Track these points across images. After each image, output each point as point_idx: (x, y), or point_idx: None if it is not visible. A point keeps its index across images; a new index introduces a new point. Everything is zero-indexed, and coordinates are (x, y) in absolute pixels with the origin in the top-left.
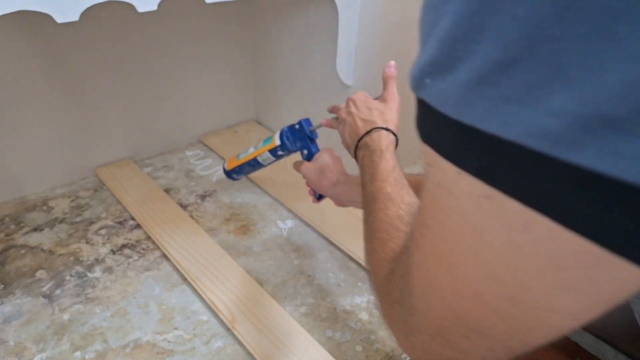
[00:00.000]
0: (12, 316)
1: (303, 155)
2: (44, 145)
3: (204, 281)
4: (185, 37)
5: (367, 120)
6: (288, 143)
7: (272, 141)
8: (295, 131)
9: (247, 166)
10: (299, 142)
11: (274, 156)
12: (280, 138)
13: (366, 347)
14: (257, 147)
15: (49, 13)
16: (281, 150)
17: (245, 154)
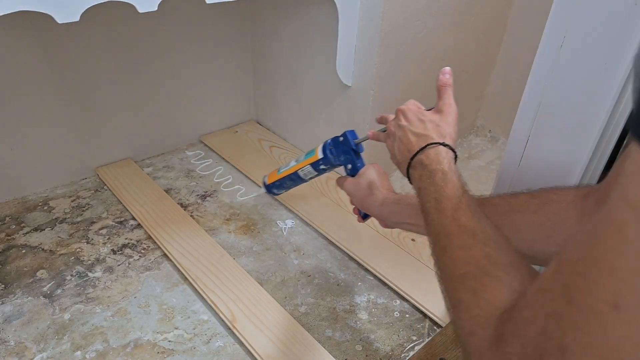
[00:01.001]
0: (12, 316)
1: (347, 170)
2: (45, 146)
3: (204, 281)
4: (185, 38)
5: (420, 134)
6: (331, 157)
7: (314, 154)
8: (339, 144)
9: (288, 180)
10: (343, 155)
11: (315, 170)
12: (322, 151)
13: (366, 347)
14: (299, 160)
15: (49, 13)
16: (324, 164)
17: (286, 167)
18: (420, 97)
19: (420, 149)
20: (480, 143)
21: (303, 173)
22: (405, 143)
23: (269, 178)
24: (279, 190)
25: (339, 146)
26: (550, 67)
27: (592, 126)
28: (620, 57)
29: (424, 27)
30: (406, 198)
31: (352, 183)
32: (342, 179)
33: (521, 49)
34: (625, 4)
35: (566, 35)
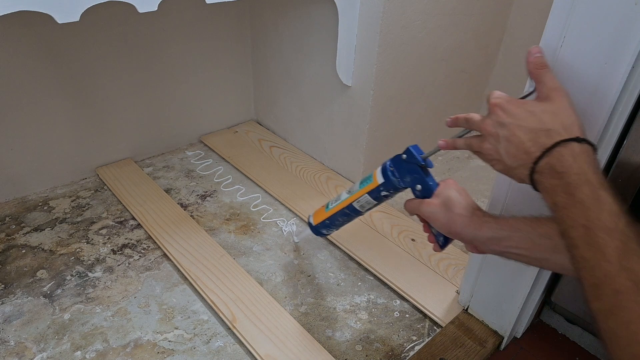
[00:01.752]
0: (12, 316)
1: (416, 192)
2: (45, 146)
3: (204, 281)
4: (185, 38)
5: (537, 129)
6: (394, 179)
7: (371, 180)
8: (402, 162)
9: (340, 217)
10: (409, 176)
11: (375, 199)
12: (383, 174)
13: (366, 347)
14: (352, 190)
15: (49, 14)
16: (385, 189)
17: (337, 202)
18: (421, 96)
19: (545, 149)
20: None
21: (359, 205)
22: (517, 144)
23: (315, 217)
24: (329, 229)
25: (402, 165)
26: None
27: (592, 126)
28: (620, 57)
29: (424, 27)
30: (511, 222)
31: (432, 205)
32: (416, 203)
33: (521, 49)
34: (625, 4)
35: (566, 35)
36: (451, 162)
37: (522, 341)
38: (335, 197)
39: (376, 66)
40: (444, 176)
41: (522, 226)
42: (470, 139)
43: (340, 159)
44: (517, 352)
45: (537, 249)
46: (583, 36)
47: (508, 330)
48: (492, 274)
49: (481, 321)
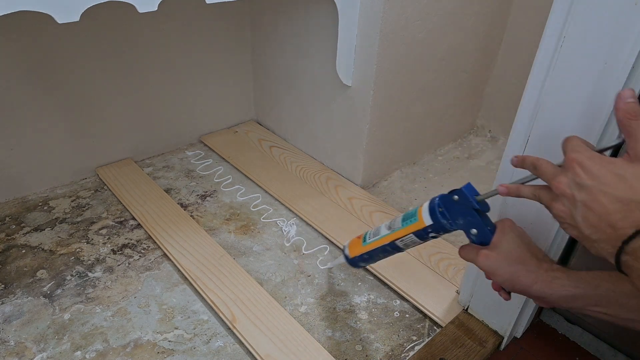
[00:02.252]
0: (12, 316)
1: (471, 237)
2: (45, 146)
3: (204, 281)
4: (185, 38)
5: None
6: (445, 222)
7: (416, 219)
8: (453, 204)
9: (380, 253)
10: (462, 218)
11: (421, 239)
12: (431, 215)
13: (366, 347)
14: (394, 227)
15: (49, 13)
16: (434, 231)
17: (377, 236)
18: (421, 96)
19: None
20: (480, 143)
21: (403, 243)
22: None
23: (351, 249)
24: (366, 262)
25: (454, 206)
26: (550, 67)
27: (592, 126)
28: (620, 57)
29: (424, 27)
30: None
31: (492, 259)
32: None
33: (521, 49)
34: (625, 4)
35: (566, 35)
36: (451, 162)
37: (522, 341)
38: (373, 230)
39: (376, 66)
40: (444, 176)
41: (600, 282)
42: (539, 190)
43: (340, 159)
44: (517, 352)
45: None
46: (583, 36)
47: (508, 330)
48: None
49: (481, 321)
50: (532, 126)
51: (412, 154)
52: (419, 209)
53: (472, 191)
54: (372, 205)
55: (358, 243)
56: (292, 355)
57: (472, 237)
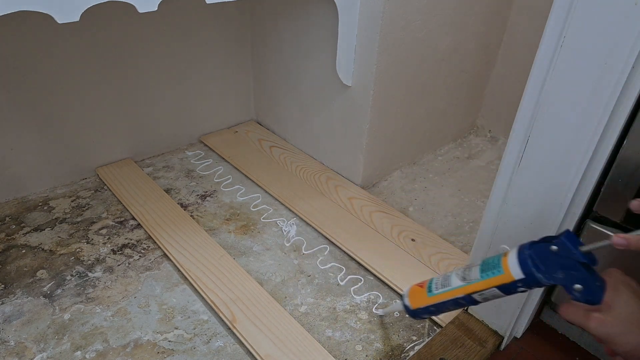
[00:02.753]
0: (12, 316)
1: (573, 293)
2: (45, 146)
3: (204, 281)
4: (185, 38)
5: None
6: (540, 276)
7: (501, 271)
8: (549, 254)
9: (450, 305)
10: (562, 272)
11: (506, 293)
12: (522, 267)
13: (366, 347)
14: (470, 277)
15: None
16: (525, 285)
17: (447, 287)
18: (421, 96)
19: None
20: (480, 143)
21: (482, 297)
22: None
23: (413, 298)
24: (431, 314)
25: (550, 258)
26: (550, 67)
27: (592, 126)
28: (620, 57)
29: (424, 27)
30: None
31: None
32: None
33: (521, 49)
34: (625, 4)
35: (566, 35)
36: (451, 162)
37: (522, 341)
38: (440, 279)
39: (376, 66)
40: (444, 176)
41: None
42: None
43: (340, 159)
44: (517, 352)
45: None
46: (583, 36)
47: (508, 330)
48: None
49: (481, 321)
50: (532, 126)
51: (412, 154)
52: (503, 259)
53: (573, 240)
54: (372, 205)
55: (421, 292)
56: (292, 355)
57: (575, 294)
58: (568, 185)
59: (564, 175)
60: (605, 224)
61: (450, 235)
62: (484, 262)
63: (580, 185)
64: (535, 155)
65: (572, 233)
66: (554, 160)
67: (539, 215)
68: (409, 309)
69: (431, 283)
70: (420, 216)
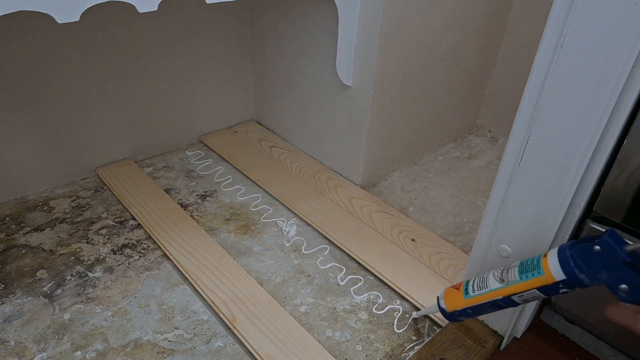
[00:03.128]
0: (12, 316)
1: (619, 294)
2: (45, 145)
3: (204, 281)
4: (185, 38)
5: None
6: (583, 277)
7: (541, 272)
8: (592, 254)
9: (489, 307)
10: (606, 272)
11: (547, 294)
12: (564, 268)
13: (366, 347)
14: (509, 279)
15: (49, 13)
16: (567, 286)
17: (484, 289)
18: (421, 96)
19: None
20: (480, 143)
21: (522, 299)
22: None
23: (448, 300)
24: (468, 317)
25: (594, 258)
26: (550, 67)
27: (592, 126)
28: (620, 57)
29: (424, 27)
30: None
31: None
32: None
33: (521, 49)
34: (625, 4)
35: (566, 35)
36: (451, 162)
37: (522, 341)
38: (477, 281)
39: (376, 66)
40: (444, 176)
41: None
42: None
43: (340, 159)
44: (517, 352)
45: None
46: (583, 36)
47: (508, 330)
48: None
49: (481, 321)
50: (532, 126)
51: (412, 154)
52: (543, 260)
53: (617, 240)
54: (372, 205)
55: (457, 294)
56: (292, 355)
57: (621, 295)
58: (568, 185)
59: (564, 175)
60: (606, 224)
61: (450, 235)
62: (522, 263)
63: (580, 185)
64: (535, 155)
65: (615, 232)
66: (554, 160)
67: (539, 215)
68: (445, 311)
69: (467, 285)
70: (420, 216)
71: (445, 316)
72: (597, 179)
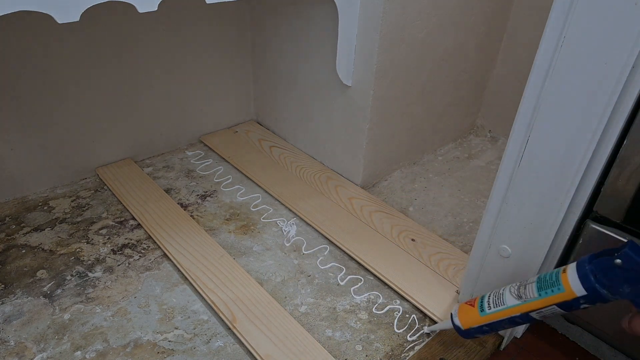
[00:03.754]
0: (12, 316)
1: None
2: (45, 145)
3: (204, 281)
4: (185, 38)
5: None
6: (605, 292)
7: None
8: (613, 268)
9: (506, 324)
10: (628, 286)
11: (567, 310)
12: (584, 283)
13: (366, 347)
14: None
15: (49, 13)
16: (588, 302)
17: (501, 306)
18: (421, 96)
19: None
20: (480, 143)
21: (541, 315)
22: None
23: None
24: (484, 334)
25: (615, 272)
26: (550, 67)
27: (592, 126)
28: (620, 57)
29: (424, 27)
30: None
31: None
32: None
33: (521, 49)
34: (625, 4)
35: (566, 35)
36: (451, 162)
37: (522, 341)
38: (492, 296)
39: (376, 66)
40: (444, 176)
41: None
42: None
43: (340, 159)
44: (517, 352)
45: None
46: (583, 36)
47: (508, 330)
48: (492, 274)
49: None
50: (532, 126)
51: (412, 154)
52: (563, 275)
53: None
54: (372, 205)
55: (472, 311)
56: (292, 355)
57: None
58: (568, 185)
59: (564, 175)
60: (606, 224)
61: (450, 235)
62: (540, 278)
63: (580, 185)
64: (535, 155)
65: (635, 244)
66: (554, 160)
67: (539, 215)
68: (460, 329)
69: (482, 301)
70: (420, 216)
71: (460, 333)
72: (597, 179)
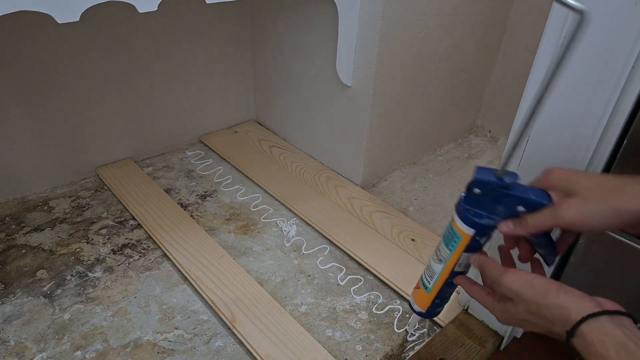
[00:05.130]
0: (12, 316)
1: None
2: (45, 145)
3: (204, 281)
4: (185, 38)
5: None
6: (486, 220)
7: (459, 236)
8: (476, 197)
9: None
10: (499, 205)
11: (475, 251)
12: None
13: (366, 347)
14: (443, 257)
15: (49, 13)
16: (480, 235)
17: (434, 277)
18: (421, 96)
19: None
20: (480, 143)
21: (461, 267)
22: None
23: (419, 302)
24: (441, 306)
25: (482, 200)
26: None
27: (592, 126)
28: (620, 57)
29: (424, 27)
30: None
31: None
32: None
33: (521, 49)
34: (625, 4)
35: (566, 35)
36: (451, 162)
37: (522, 341)
38: (426, 274)
39: (376, 66)
40: (444, 176)
41: None
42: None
43: (340, 159)
44: (517, 352)
45: None
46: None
47: (508, 330)
48: None
49: (481, 321)
50: (532, 126)
51: (412, 154)
52: (453, 224)
53: (486, 173)
54: (372, 205)
55: (422, 293)
56: (292, 355)
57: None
58: None
59: None
60: None
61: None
62: (444, 237)
63: None
64: (535, 155)
65: (480, 167)
66: (554, 160)
67: None
68: (422, 313)
69: (423, 281)
70: (420, 216)
71: (424, 315)
72: None
